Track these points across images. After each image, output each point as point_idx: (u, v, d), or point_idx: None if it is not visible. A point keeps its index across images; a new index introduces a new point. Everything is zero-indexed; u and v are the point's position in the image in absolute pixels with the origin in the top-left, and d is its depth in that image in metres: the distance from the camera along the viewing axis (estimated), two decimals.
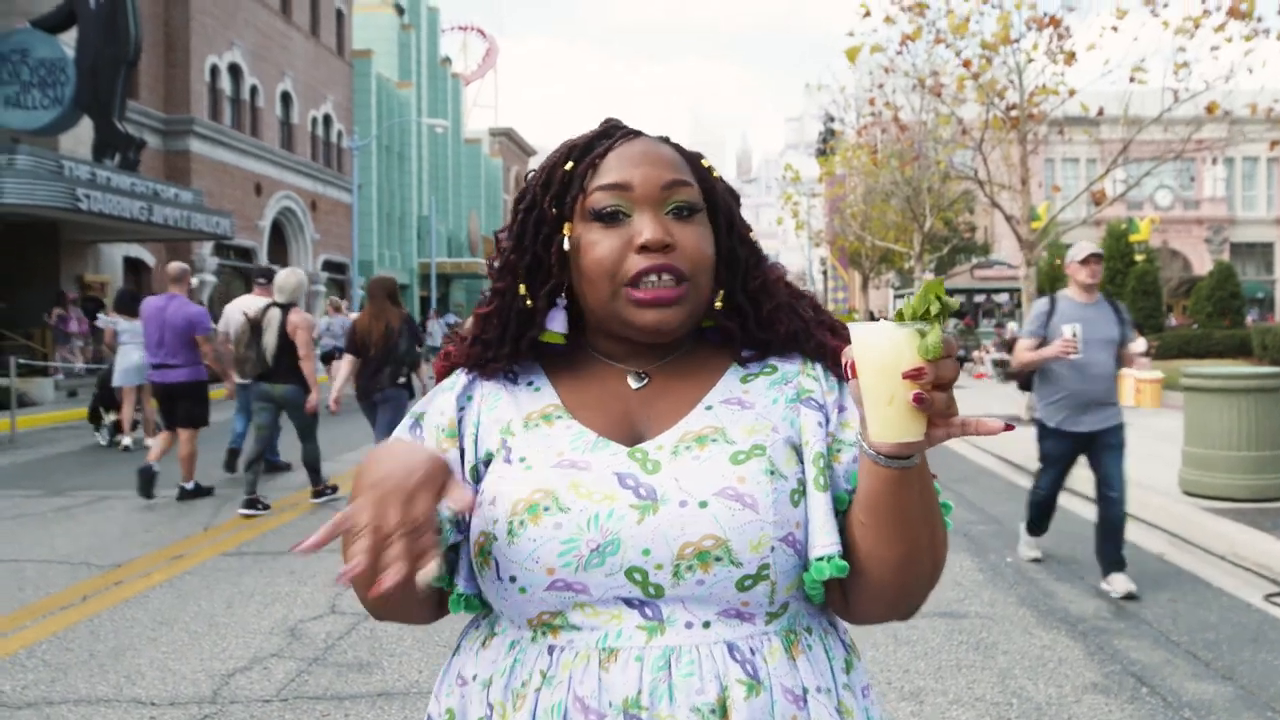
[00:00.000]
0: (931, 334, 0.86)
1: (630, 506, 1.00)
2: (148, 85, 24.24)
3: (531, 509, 1.01)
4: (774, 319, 1.13)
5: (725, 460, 1.03)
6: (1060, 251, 23.59)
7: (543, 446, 1.07)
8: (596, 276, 1.07)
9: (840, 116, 20.21)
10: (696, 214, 1.09)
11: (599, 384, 1.13)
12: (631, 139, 1.12)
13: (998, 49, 12.64)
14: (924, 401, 0.86)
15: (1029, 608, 4.69)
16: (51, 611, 4.69)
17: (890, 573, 1.01)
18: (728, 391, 1.11)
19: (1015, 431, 6.65)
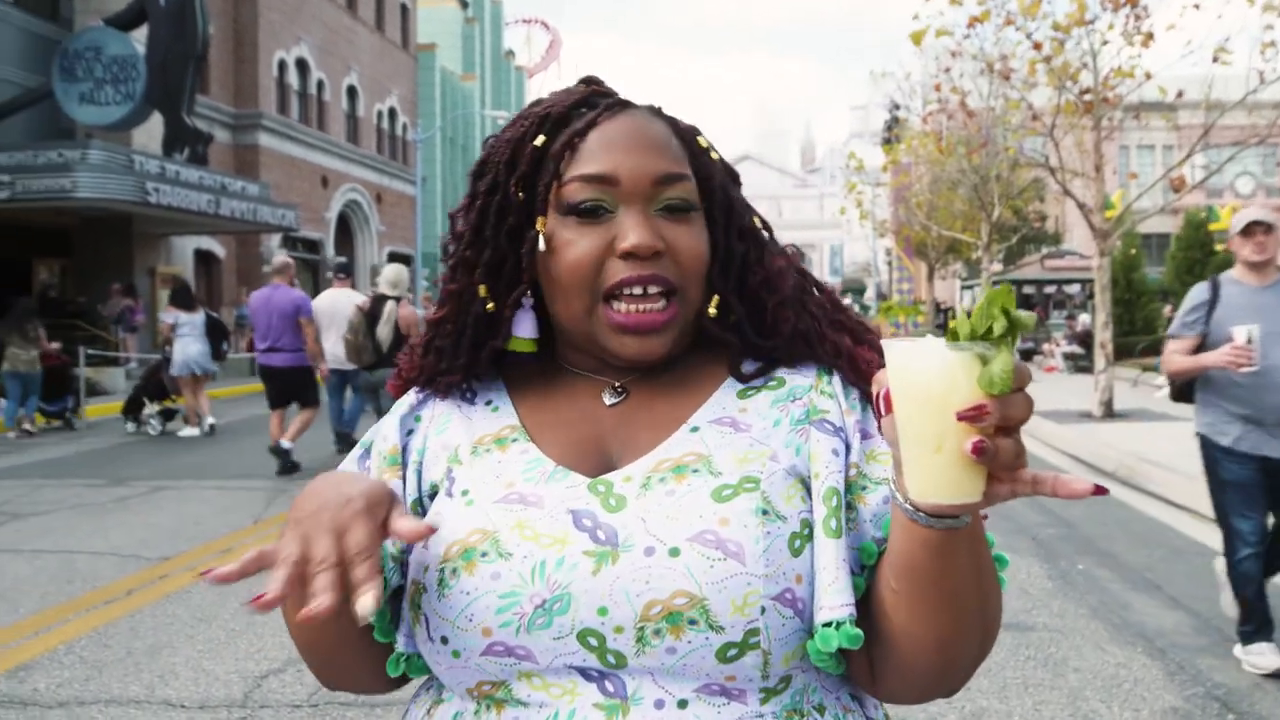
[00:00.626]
0: (998, 360, 0.64)
1: (585, 553, 0.81)
2: (218, 80, 24.70)
3: (466, 554, 0.83)
4: (778, 318, 0.94)
5: (706, 496, 0.83)
6: (1134, 241, 22.78)
7: (490, 477, 0.90)
8: (570, 286, 0.90)
9: (905, 104, 19.74)
10: (691, 211, 0.92)
11: (567, 400, 0.96)
12: (616, 113, 0.92)
13: (1070, 30, 12.12)
14: (985, 452, 0.65)
15: (1102, 621, 4.40)
16: (96, 605, 4.68)
17: (927, 651, 0.80)
18: (720, 409, 0.92)
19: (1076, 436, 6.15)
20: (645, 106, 0.96)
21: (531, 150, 0.92)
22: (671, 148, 0.93)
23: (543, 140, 0.92)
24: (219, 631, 4.29)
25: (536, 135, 0.92)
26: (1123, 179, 21.74)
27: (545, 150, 0.91)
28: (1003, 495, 0.68)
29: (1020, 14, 12.43)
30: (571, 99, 0.95)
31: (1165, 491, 7.37)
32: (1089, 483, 0.66)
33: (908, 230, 26.91)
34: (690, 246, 0.90)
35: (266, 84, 26.33)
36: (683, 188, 0.91)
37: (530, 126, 0.93)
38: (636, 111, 0.94)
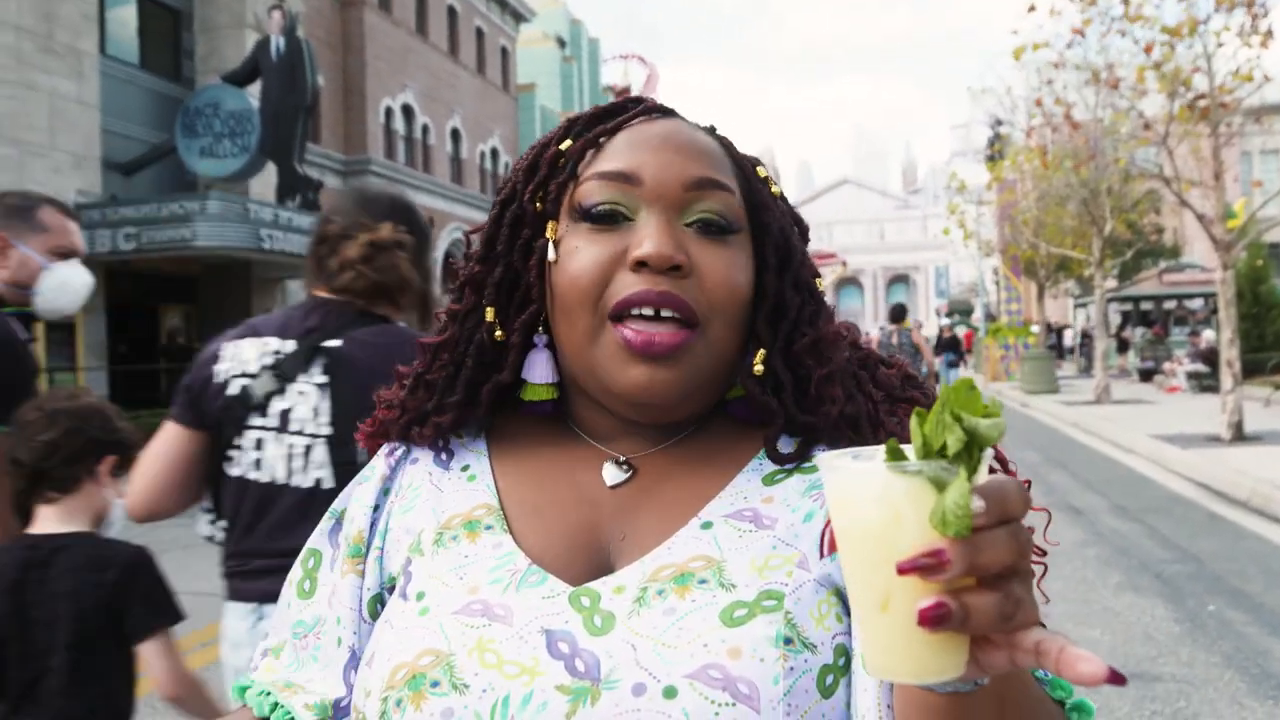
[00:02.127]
0: (953, 488, 0.47)
1: (558, 689, 0.66)
2: (329, 128, 25.78)
3: (414, 682, 0.69)
4: (823, 395, 0.76)
5: (714, 617, 0.68)
6: (1260, 251, 21.57)
7: (450, 577, 0.74)
8: (571, 301, 0.75)
9: (1007, 119, 19.21)
10: (731, 235, 0.77)
11: (561, 473, 0.80)
12: (655, 118, 0.80)
13: (1181, 33, 11.60)
14: (943, 619, 0.46)
15: (1237, 670, 4.08)
16: (193, 648, 4.80)
17: None
18: (740, 499, 0.75)
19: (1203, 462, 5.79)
20: (698, 124, 0.83)
21: (553, 154, 0.80)
22: (713, 156, 0.79)
23: (568, 144, 0.80)
24: None
25: (563, 139, 0.81)
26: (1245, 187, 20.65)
27: (567, 153, 0.80)
28: (999, 664, 0.49)
29: (1127, 20, 11.98)
30: (607, 106, 0.83)
31: None
32: (1103, 665, 0.47)
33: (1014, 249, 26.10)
34: (721, 270, 0.75)
35: (374, 131, 27.36)
36: (721, 199, 0.76)
37: (557, 132, 0.82)
38: (678, 119, 0.81)
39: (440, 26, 31.75)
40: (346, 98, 27.19)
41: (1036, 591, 0.78)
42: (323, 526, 0.87)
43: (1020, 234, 23.25)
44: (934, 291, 72.24)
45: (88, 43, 17.82)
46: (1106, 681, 0.47)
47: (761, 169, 0.83)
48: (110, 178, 18.81)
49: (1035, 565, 0.76)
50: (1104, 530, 6.94)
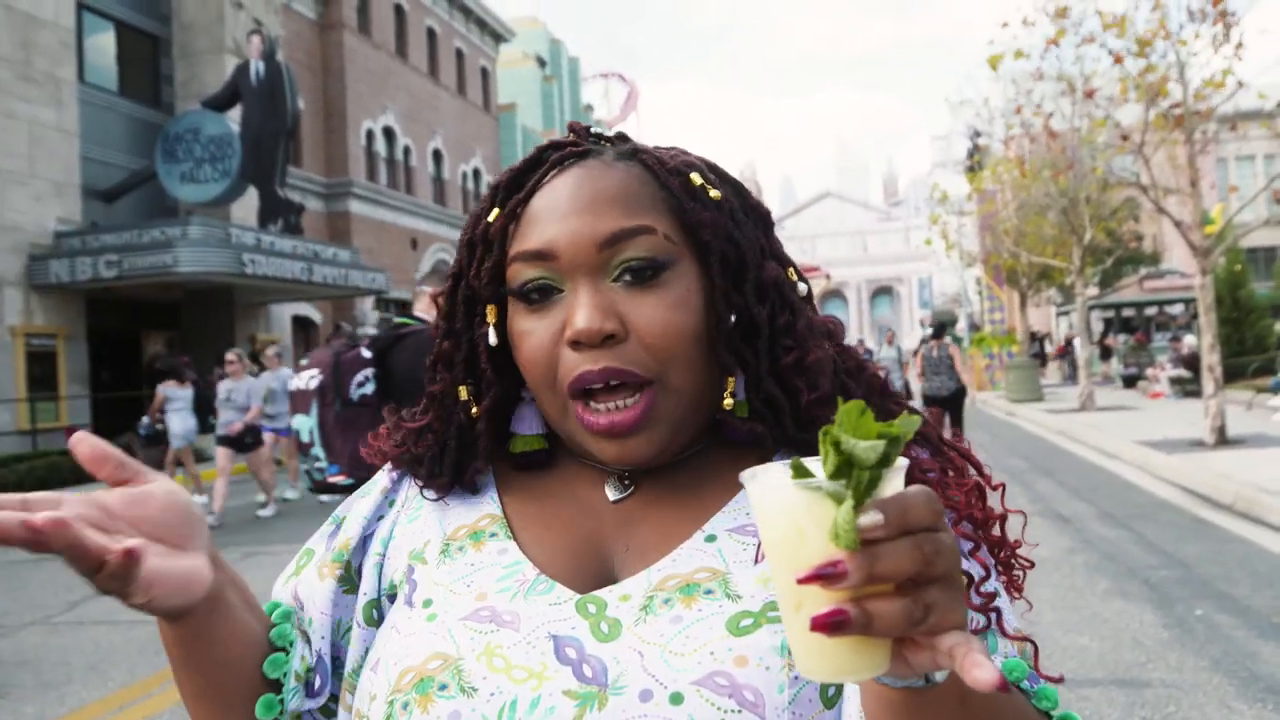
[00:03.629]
0: (844, 505, 0.48)
1: (565, 694, 0.67)
2: (310, 152, 25.76)
3: (422, 685, 0.70)
4: (811, 417, 0.76)
5: (720, 627, 0.69)
6: (1239, 256, 21.77)
7: (458, 584, 0.76)
8: (535, 383, 0.78)
9: (986, 130, 19.37)
10: (664, 272, 0.75)
11: (564, 489, 0.81)
12: (567, 168, 0.78)
13: (1154, 43, 11.74)
14: (840, 625, 0.47)
15: (1225, 674, 4.09)
16: (154, 690, 4.75)
17: None
18: (743, 514, 0.76)
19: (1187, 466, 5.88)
20: (616, 151, 0.81)
21: (484, 228, 0.80)
22: (627, 197, 0.76)
23: (495, 214, 0.80)
24: None
25: (491, 209, 0.81)
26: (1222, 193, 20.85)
27: (495, 226, 0.80)
28: (927, 665, 0.50)
29: (1103, 29, 12.11)
30: (526, 160, 0.82)
31: None
32: (996, 674, 0.47)
33: (996, 258, 26.27)
34: (656, 320, 0.74)
35: (355, 153, 27.35)
36: (642, 244, 0.75)
37: (487, 199, 0.82)
38: (592, 162, 0.79)
39: (420, 48, 31.81)
40: (327, 120, 27.18)
41: (1021, 600, 0.78)
42: (324, 529, 0.89)
43: (1001, 243, 23.41)
44: (917, 302, 72.59)
45: (66, 70, 17.77)
46: (997, 689, 0.47)
47: (695, 176, 0.80)
48: (91, 205, 18.73)
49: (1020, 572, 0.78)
50: (1092, 537, 6.96)
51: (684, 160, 0.81)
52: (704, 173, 0.81)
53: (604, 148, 0.81)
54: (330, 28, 26.76)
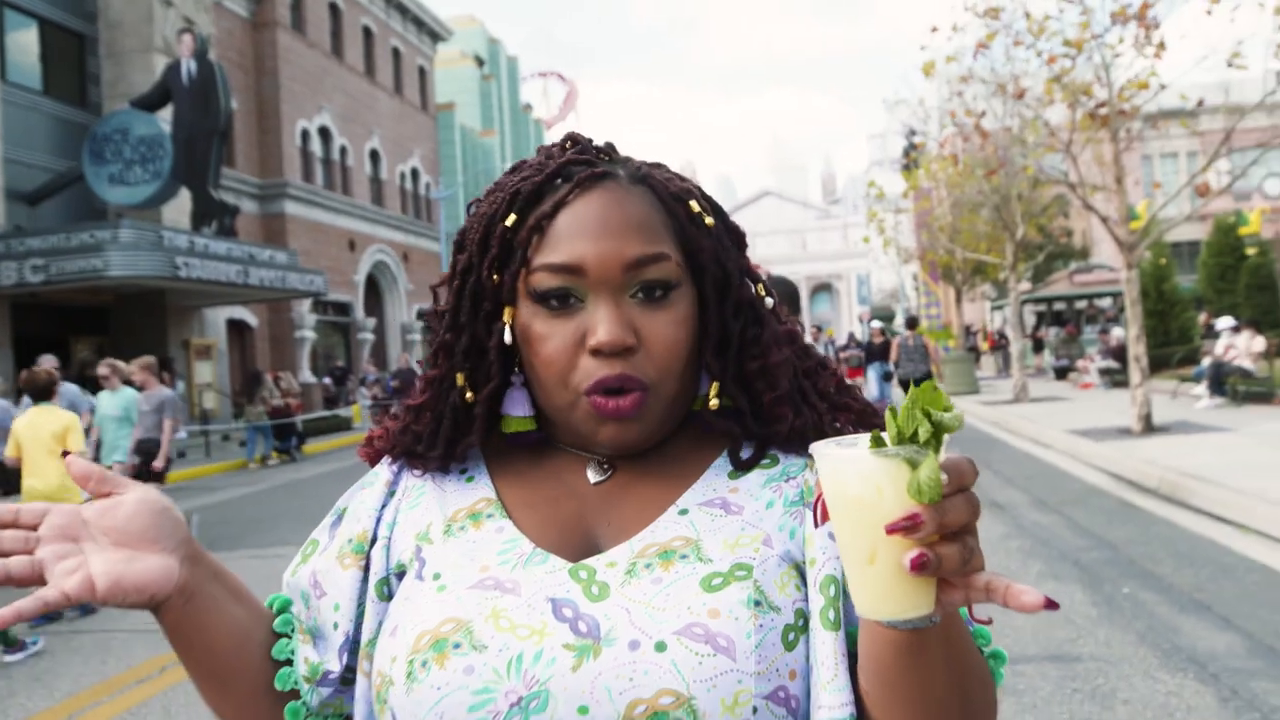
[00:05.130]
0: (925, 466, 0.59)
1: (565, 646, 0.77)
2: (243, 152, 25.28)
3: (438, 645, 0.79)
4: (774, 415, 0.88)
5: (695, 586, 0.79)
6: (1163, 250, 22.49)
7: (463, 559, 0.85)
8: (548, 380, 0.86)
9: (921, 130, 19.75)
10: (672, 291, 0.85)
11: (549, 474, 0.91)
12: (589, 189, 0.86)
13: (1081, 46, 12.10)
14: (926, 565, 0.60)
15: (1150, 647, 4.28)
16: (128, 685, 4.70)
17: None
18: (710, 490, 0.88)
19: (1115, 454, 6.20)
20: (627, 173, 0.89)
21: (502, 231, 0.87)
22: (648, 225, 0.86)
23: (513, 220, 0.87)
24: None
25: (507, 214, 0.87)
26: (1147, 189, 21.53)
27: (515, 232, 0.87)
28: (956, 602, 0.63)
29: (1030, 33, 12.44)
30: (546, 173, 0.88)
31: (1210, 506, 7.19)
32: (1040, 595, 0.61)
33: (932, 255, 26.79)
34: (664, 337, 0.85)
35: (291, 153, 26.90)
36: (660, 269, 0.85)
37: (502, 204, 0.88)
38: (613, 184, 0.87)
39: (356, 47, 31.41)
40: (261, 120, 26.67)
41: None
42: (326, 521, 0.98)
43: (937, 240, 23.87)
44: (856, 299, 73.57)
45: None
46: (1045, 608, 0.60)
47: (694, 204, 0.90)
48: (15, 208, 18.17)
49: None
50: (1025, 523, 7.18)
51: (682, 187, 0.91)
52: (699, 199, 0.91)
53: (616, 168, 0.89)
54: (263, 26, 26.28)
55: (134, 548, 0.80)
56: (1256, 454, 9.03)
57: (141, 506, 0.81)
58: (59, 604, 0.77)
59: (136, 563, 0.79)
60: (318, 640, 0.91)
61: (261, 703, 0.90)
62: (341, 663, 0.90)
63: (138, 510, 0.80)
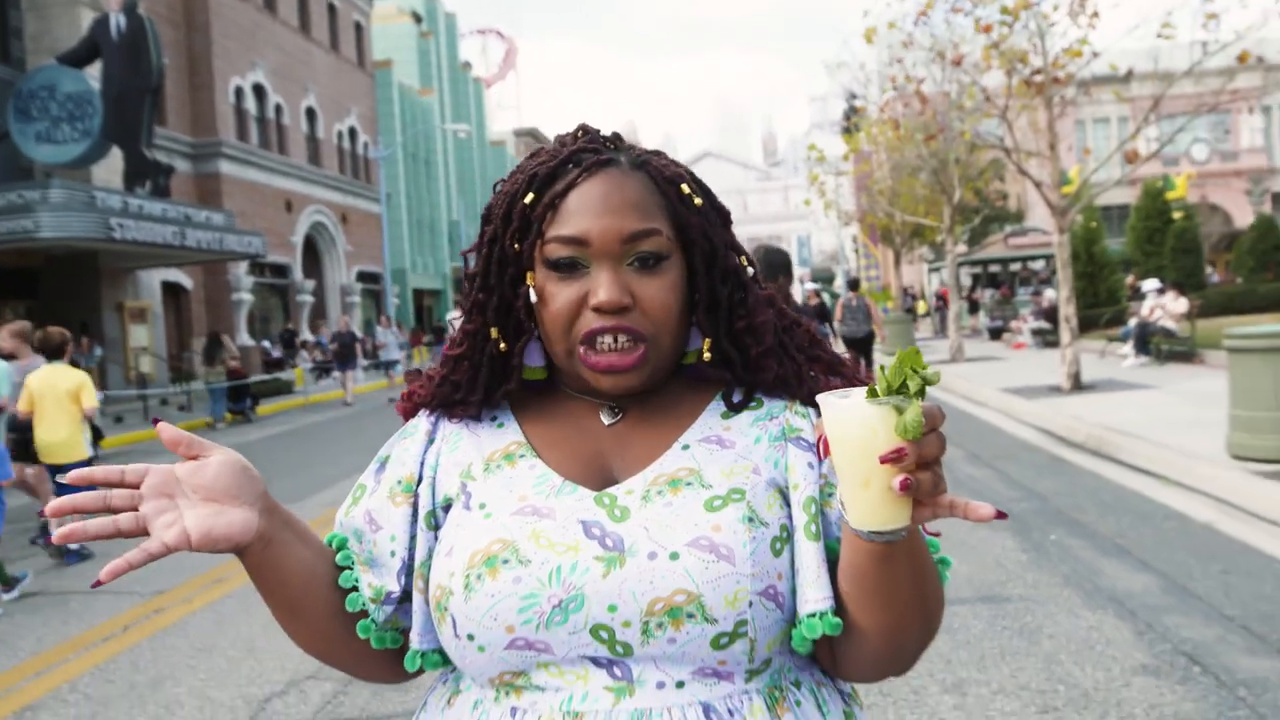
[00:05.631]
0: (910, 411, 0.78)
1: (595, 559, 0.93)
2: (175, 111, 24.59)
3: (489, 561, 0.95)
4: (760, 365, 1.05)
5: (700, 506, 0.96)
6: (1094, 214, 23.12)
7: (504, 491, 1.01)
8: (553, 331, 1.01)
9: (862, 94, 19.98)
10: (663, 261, 1.01)
11: (569, 419, 1.07)
12: (595, 173, 1.01)
13: (1018, 14, 12.35)
14: (910, 487, 0.79)
15: (1074, 588, 4.58)
16: (94, 643, 4.75)
17: (875, 641, 0.95)
18: (707, 429, 1.04)
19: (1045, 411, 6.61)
20: (628, 159, 1.04)
21: (521, 208, 1.02)
22: (644, 204, 1.00)
23: (531, 198, 1.02)
24: (219, 660, 4.37)
25: (526, 193, 1.02)
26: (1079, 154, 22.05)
27: (532, 209, 1.01)
28: (925, 517, 0.82)
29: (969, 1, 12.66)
30: (559, 158, 1.03)
31: (1132, 459, 7.58)
32: (991, 509, 0.82)
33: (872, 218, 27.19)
34: (657, 298, 0.99)
35: (224, 111, 26.24)
36: (653, 242, 0.99)
37: (522, 184, 1.03)
38: (615, 170, 1.02)
39: (290, 2, 30.62)
40: (193, 77, 25.90)
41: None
42: (371, 468, 1.11)
43: (876, 203, 24.23)
44: (797, 260, 74.26)
45: None
46: (995, 518, 0.82)
47: (685, 186, 1.04)
48: None
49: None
50: (960, 476, 7.49)
51: (675, 172, 1.05)
52: (689, 182, 1.06)
53: (619, 155, 1.04)
54: None
55: (220, 502, 0.93)
56: (1177, 411, 9.49)
57: (224, 467, 0.94)
58: (160, 554, 0.91)
59: (222, 516, 0.93)
60: (375, 568, 1.06)
61: (333, 624, 1.04)
62: (400, 585, 1.05)
63: (221, 470, 0.93)
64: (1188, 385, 11.47)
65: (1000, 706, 3.35)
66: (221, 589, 5.63)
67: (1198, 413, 8.91)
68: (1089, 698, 3.37)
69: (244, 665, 4.27)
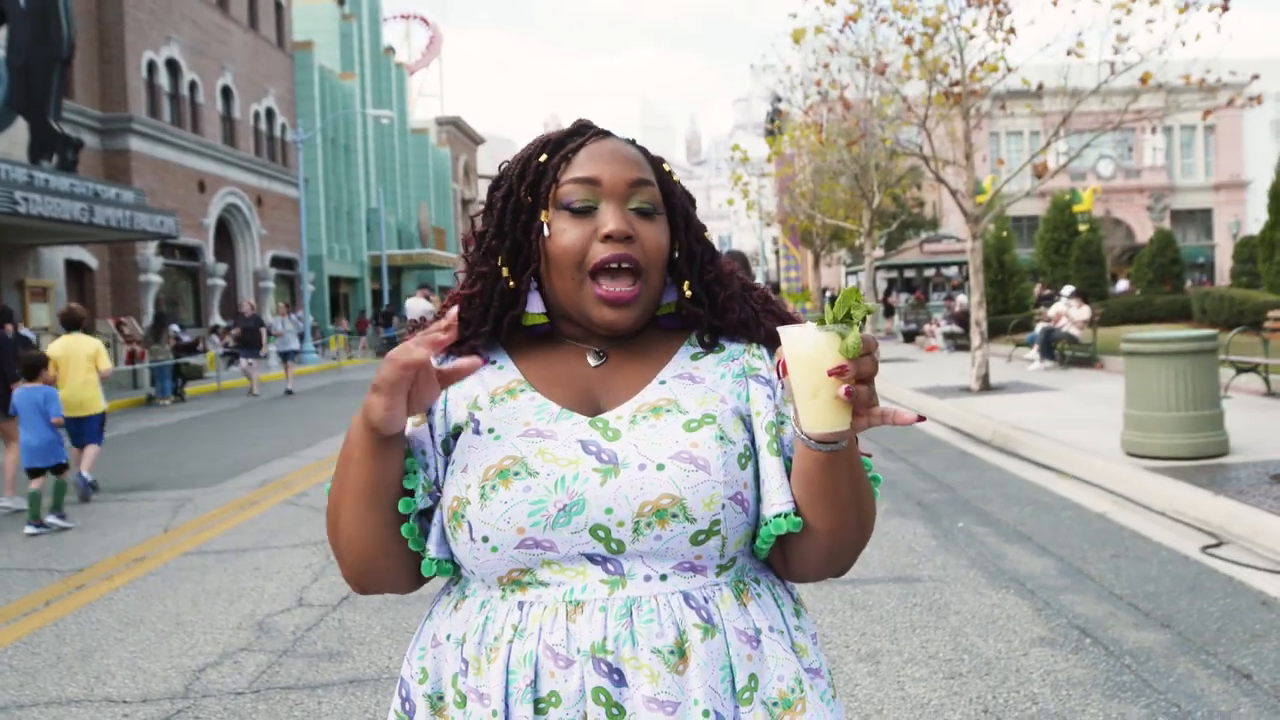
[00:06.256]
0: (851, 335, 0.95)
1: (594, 470, 1.09)
2: (83, 83, 23.72)
3: (503, 474, 1.10)
4: (726, 308, 1.24)
5: (679, 428, 1.12)
6: (1005, 224, 23.99)
7: (510, 418, 1.16)
8: (564, 264, 1.16)
9: (787, 97, 20.35)
10: (657, 215, 1.19)
11: (560, 362, 1.22)
12: (602, 138, 1.21)
13: (939, 27, 12.80)
14: (852, 395, 0.96)
15: (979, 570, 4.86)
16: (14, 618, 4.68)
17: (822, 538, 1.12)
18: (679, 368, 1.22)
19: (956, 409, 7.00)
20: (623, 137, 1.25)
21: (537, 165, 1.20)
22: (642, 163, 1.21)
23: (545, 158, 1.20)
24: (148, 633, 4.35)
25: (541, 154, 1.21)
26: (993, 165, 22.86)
27: (546, 164, 1.20)
28: (861, 425, 1.00)
29: (893, 10, 13.06)
30: (568, 130, 1.24)
31: (1034, 455, 7.99)
32: (913, 414, 1.01)
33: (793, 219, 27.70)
34: (653, 238, 1.18)
35: (135, 86, 25.39)
36: (649, 193, 1.19)
37: (535, 148, 1.22)
38: (616, 138, 1.23)
39: None
40: (103, 50, 25.01)
41: None
42: None
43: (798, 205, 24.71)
44: None
45: None
46: (917, 421, 1.01)
47: (666, 165, 1.27)
48: None
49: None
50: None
51: (658, 157, 1.28)
52: (669, 165, 1.30)
53: (614, 133, 1.25)
54: None
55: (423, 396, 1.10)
56: (1076, 410, 10.01)
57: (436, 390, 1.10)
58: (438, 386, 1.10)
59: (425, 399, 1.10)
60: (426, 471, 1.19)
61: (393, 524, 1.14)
62: (439, 489, 1.18)
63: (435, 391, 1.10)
64: (1088, 388, 12.07)
65: (911, 674, 3.58)
66: (143, 566, 5.57)
67: (1096, 413, 9.41)
68: (991, 666, 3.62)
69: (173, 638, 4.26)
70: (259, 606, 4.68)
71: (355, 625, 4.29)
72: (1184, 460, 6.88)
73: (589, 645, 1.06)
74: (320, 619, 4.43)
